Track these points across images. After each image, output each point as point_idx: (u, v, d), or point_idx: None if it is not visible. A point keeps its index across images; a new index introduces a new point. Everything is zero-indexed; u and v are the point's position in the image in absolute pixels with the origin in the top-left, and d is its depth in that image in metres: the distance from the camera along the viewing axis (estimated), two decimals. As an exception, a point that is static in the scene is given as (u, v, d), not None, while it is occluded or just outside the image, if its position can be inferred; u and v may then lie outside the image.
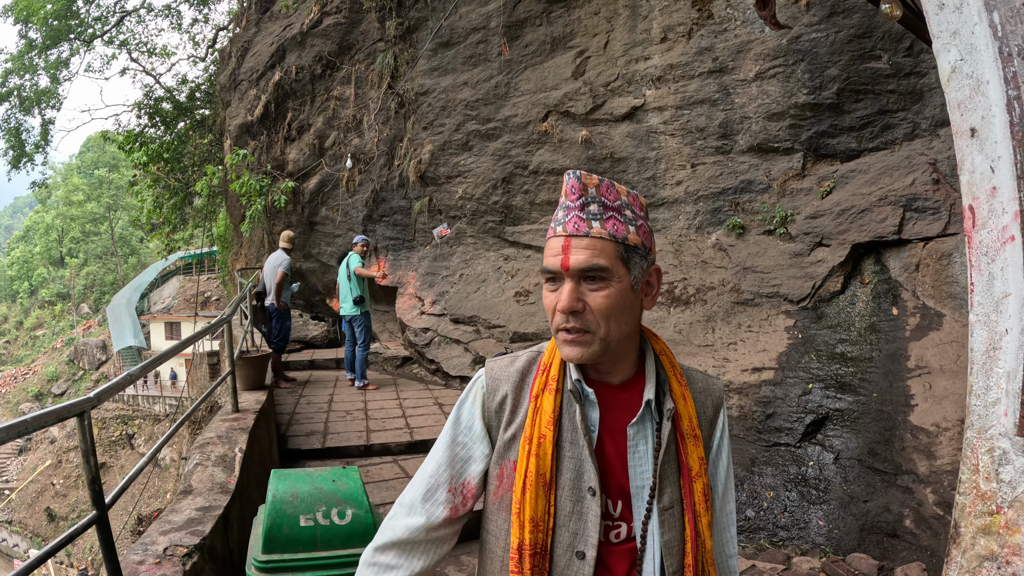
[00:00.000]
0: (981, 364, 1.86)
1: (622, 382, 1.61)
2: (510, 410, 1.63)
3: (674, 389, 1.61)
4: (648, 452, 1.56)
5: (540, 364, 1.65)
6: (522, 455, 1.54)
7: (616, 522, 1.55)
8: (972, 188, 1.91)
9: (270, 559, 3.31)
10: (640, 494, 1.55)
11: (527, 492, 1.51)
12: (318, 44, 14.01)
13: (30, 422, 2.60)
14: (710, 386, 1.72)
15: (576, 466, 1.54)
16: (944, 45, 2.04)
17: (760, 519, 6.30)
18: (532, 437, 1.54)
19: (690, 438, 1.58)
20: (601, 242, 1.48)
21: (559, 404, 1.57)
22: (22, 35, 23.85)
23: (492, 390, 1.66)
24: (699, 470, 1.58)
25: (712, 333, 7.83)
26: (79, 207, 63.70)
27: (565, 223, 1.51)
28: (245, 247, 18.62)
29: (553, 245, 1.53)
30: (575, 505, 1.53)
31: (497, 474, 1.62)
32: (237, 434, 5.87)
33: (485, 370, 1.71)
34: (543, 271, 1.55)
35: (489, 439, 1.65)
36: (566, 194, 1.54)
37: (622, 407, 1.59)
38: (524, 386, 1.65)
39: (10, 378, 56.64)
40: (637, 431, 1.56)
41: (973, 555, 1.83)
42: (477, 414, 1.66)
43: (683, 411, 1.59)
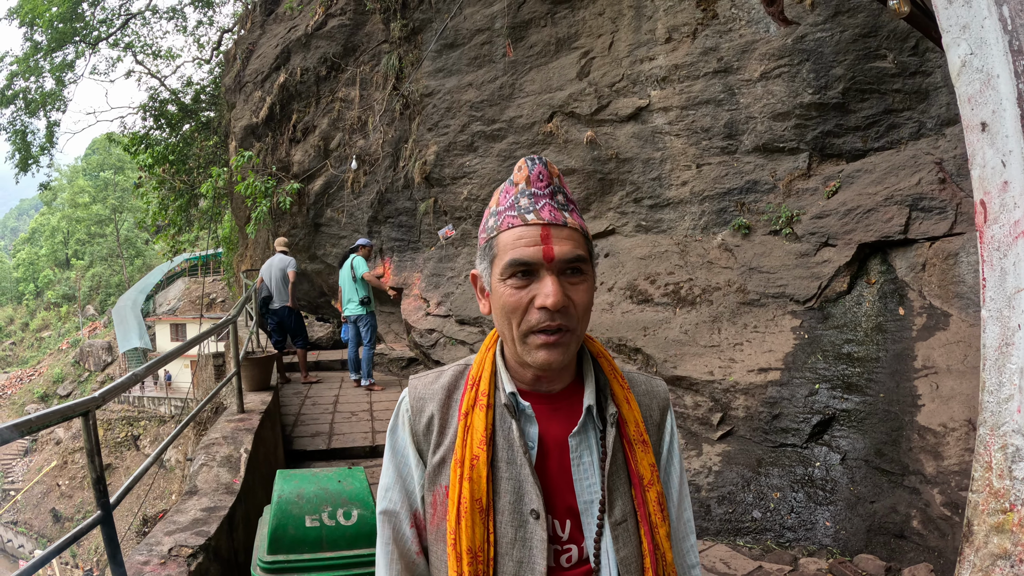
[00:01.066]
0: (994, 360, 1.85)
1: (561, 390, 1.49)
2: (438, 431, 1.51)
3: (616, 393, 1.50)
4: (594, 463, 1.44)
5: (468, 378, 1.53)
6: (454, 479, 1.42)
7: (566, 545, 1.43)
8: (983, 183, 1.90)
9: (276, 559, 3.30)
10: (589, 510, 1.43)
11: (462, 520, 1.38)
12: (323, 46, 14.03)
13: (35, 421, 2.60)
14: (654, 388, 1.62)
15: (515, 488, 1.41)
16: (954, 39, 2.02)
17: (767, 520, 6.28)
18: (464, 459, 1.42)
19: (638, 444, 1.47)
20: (576, 234, 1.40)
21: (491, 421, 1.45)
22: (27, 38, 23.91)
23: (417, 411, 1.54)
24: (651, 478, 1.47)
25: (718, 334, 7.81)
26: (85, 209, 63.88)
27: (537, 211, 1.39)
28: (250, 249, 18.64)
29: (524, 234, 1.38)
30: (517, 531, 1.40)
31: (431, 501, 1.49)
32: (242, 435, 5.87)
33: (408, 390, 1.58)
34: (511, 264, 1.37)
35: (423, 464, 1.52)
36: (529, 181, 1.42)
37: (562, 418, 1.47)
38: (451, 403, 1.53)
39: (16, 379, 56.79)
40: (579, 441, 1.45)
41: (986, 553, 1.81)
42: (408, 440, 1.54)
43: (628, 416, 1.48)
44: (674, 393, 7.59)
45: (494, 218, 1.45)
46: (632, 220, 9.70)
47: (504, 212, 1.43)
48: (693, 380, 7.42)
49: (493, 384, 1.49)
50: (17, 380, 56.60)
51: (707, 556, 5.86)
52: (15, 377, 57.39)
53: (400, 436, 1.55)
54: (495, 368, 1.52)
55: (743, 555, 5.87)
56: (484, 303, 1.50)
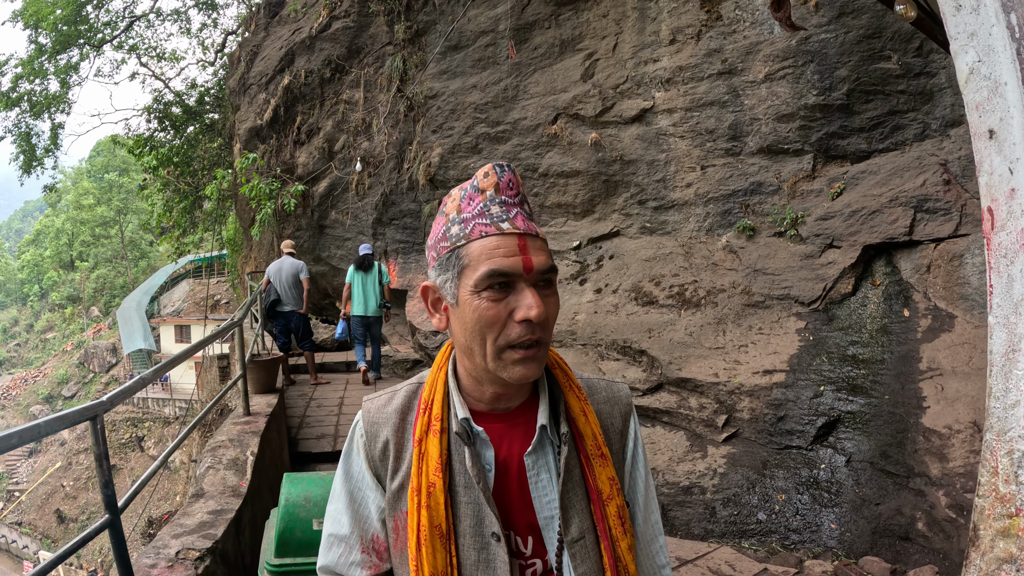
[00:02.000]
0: (1000, 366, 1.85)
1: (518, 407, 1.47)
2: (394, 456, 1.47)
3: (572, 407, 1.46)
4: (552, 480, 1.42)
5: (420, 401, 1.49)
6: (412, 507, 1.40)
7: (530, 559, 1.43)
8: (991, 190, 1.90)
9: (283, 563, 3.31)
10: (550, 525, 1.42)
11: (423, 547, 1.37)
12: (327, 48, 14.05)
13: (43, 426, 2.60)
14: (615, 394, 1.58)
15: (475, 512, 1.40)
16: (962, 47, 2.02)
17: (772, 522, 6.28)
18: (420, 487, 1.39)
19: (596, 459, 1.44)
20: (545, 244, 1.36)
21: (446, 447, 1.42)
22: (32, 40, 23.97)
23: (372, 436, 1.50)
24: (611, 492, 1.44)
25: (723, 335, 7.81)
26: (89, 211, 63.97)
27: (511, 220, 1.33)
28: (255, 250, 18.67)
29: (500, 244, 1.31)
30: (480, 553, 1.39)
31: (393, 527, 1.46)
32: (249, 437, 5.88)
33: (361, 414, 1.54)
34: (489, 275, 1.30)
35: (382, 488, 1.50)
36: (499, 188, 1.35)
37: (518, 435, 1.44)
38: (406, 427, 1.49)
39: (20, 381, 56.92)
40: (536, 459, 1.43)
41: (992, 558, 1.82)
42: (364, 465, 1.50)
43: (585, 430, 1.45)
44: (679, 395, 7.59)
45: (458, 226, 1.36)
46: (637, 222, 9.71)
47: (473, 220, 1.35)
48: (698, 382, 7.42)
49: (446, 407, 1.46)
50: (22, 381, 56.73)
51: (712, 558, 5.87)
52: (20, 378, 57.53)
53: (355, 462, 1.53)
54: (447, 390, 1.48)
55: (748, 557, 5.88)
56: (439, 318, 1.44)
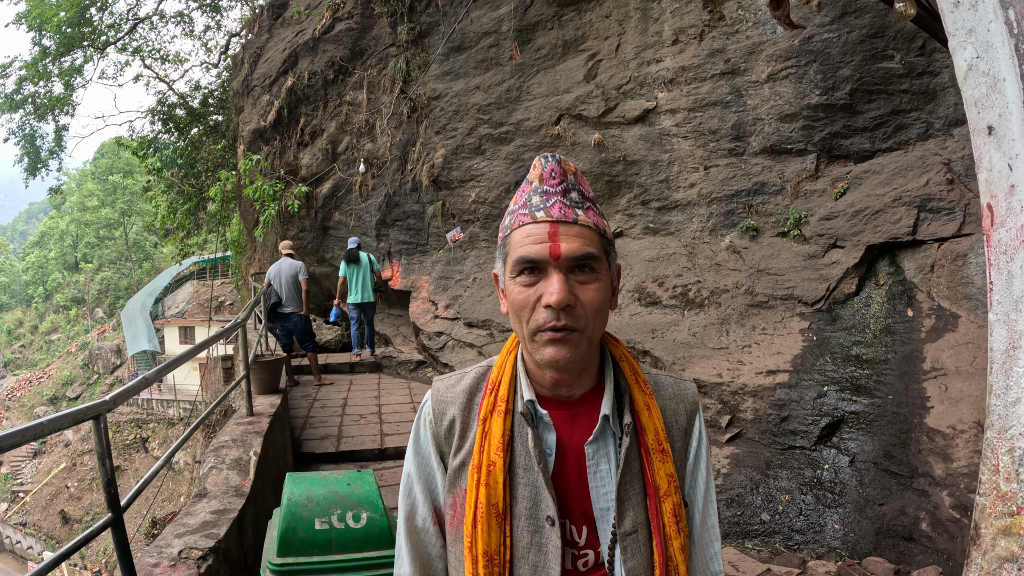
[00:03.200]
0: (1001, 364, 1.84)
1: (581, 396, 1.48)
2: (459, 435, 1.51)
3: (636, 400, 1.47)
4: (611, 471, 1.43)
5: (488, 382, 1.52)
6: (471, 484, 1.43)
7: (583, 549, 1.43)
8: (990, 186, 1.90)
9: (285, 562, 3.31)
10: (605, 517, 1.42)
11: (479, 524, 1.39)
12: (330, 49, 14.07)
13: (46, 425, 2.61)
14: (682, 391, 1.57)
15: (532, 494, 1.42)
16: (960, 43, 2.02)
17: (775, 523, 6.27)
18: (481, 465, 1.42)
19: (656, 454, 1.44)
20: (588, 231, 1.37)
21: (509, 427, 1.44)
22: (36, 42, 24.03)
23: (439, 415, 1.54)
24: (668, 488, 1.44)
25: (726, 336, 7.81)
26: (93, 213, 64.09)
27: (547, 208, 1.37)
28: (259, 252, 18.69)
29: (532, 232, 1.36)
30: (533, 536, 1.41)
31: (450, 503, 1.50)
32: (252, 437, 5.88)
33: (430, 393, 1.59)
34: (519, 261, 1.37)
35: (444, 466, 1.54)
36: (542, 179, 1.41)
37: (581, 424, 1.45)
38: (472, 407, 1.53)
39: (25, 382, 57.00)
40: (596, 449, 1.43)
41: (993, 556, 1.81)
42: (430, 443, 1.54)
43: (647, 424, 1.46)
44: (682, 395, 7.58)
45: (510, 217, 1.44)
46: (640, 222, 9.70)
47: (517, 211, 1.42)
48: (701, 382, 7.41)
49: (512, 389, 1.48)
50: (26, 383, 56.80)
51: (715, 558, 5.85)
52: (24, 380, 57.60)
53: (422, 438, 1.56)
54: (515, 372, 1.51)
55: (752, 558, 5.87)
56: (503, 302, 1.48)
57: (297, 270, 10.42)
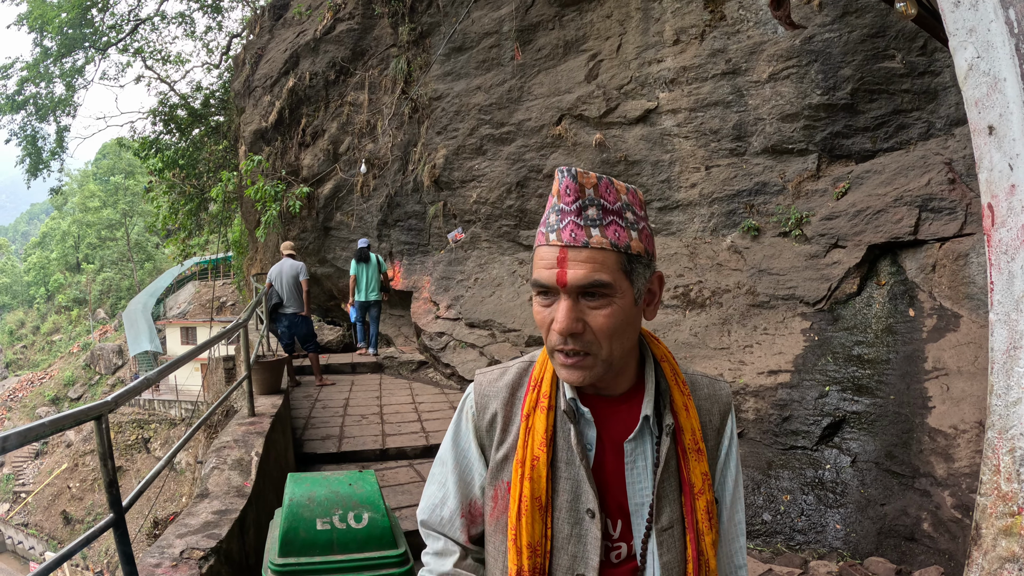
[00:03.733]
0: (1002, 364, 1.85)
1: (621, 394, 1.51)
2: (501, 428, 1.55)
3: (676, 400, 1.50)
4: (647, 468, 1.47)
5: (531, 378, 1.55)
6: (515, 479, 1.47)
7: (616, 542, 1.47)
8: (991, 186, 1.90)
9: (287, 562, 3.31)
10: (639, 512, 1.47)
11: (523, 517, 1.44)
12: (331, 50, 14.08)
13: (48, 425, 2.62)
14: (717, 392, 1.61)
15: (573, 487, 1.46)
16: (960, 43, 2.02)
17: (777, 523, 6.27)
18: (525, 460, 1.46)
19: (692, 453, 1.49)
20: (602, 253, 1.34)
21: (552, 423, 1.48)
22: (37, 43, 24.07)
23: (481, 408, 1.58)
24: (702, 486, 1.48)
25: (728, 336, 7.80)
26: (95, 213, 64.13)
27: (560, 230, 1.36)
28: (260, 252, 18.69)
29: (546, 255, 1.37)
30: (573, 528, 1.45)
31: (492, 495, 1.55)
32: (253, 438, 5.89)
33: (473, 386, 1.62)
34: (534, 284, 1.40)
35: (484, 459, 1.59)
36: (559, 195, 1.38)
37: (620, 421, 1.49)
38: (515, 402, 1.56)
39: (27, 382, 57.02)
40: (635, 447, 1.47)
41: (994, 557, 1.81)
42: (471, 434, 1.59)
43: (685, 424, 1.49)
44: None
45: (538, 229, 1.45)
46: (641, 222, 9.69)
47: (540, 227, 1.44)
48: (702, 382, 7.40)
49: (555, 386, 1.52)
50: (28, 383, 56.83)
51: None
52: (26, 380, 57.63)
53: (463, 430, 1.62)
54: None
55: (753, 558, 5.87)
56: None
57: (298, 271, 10.44)
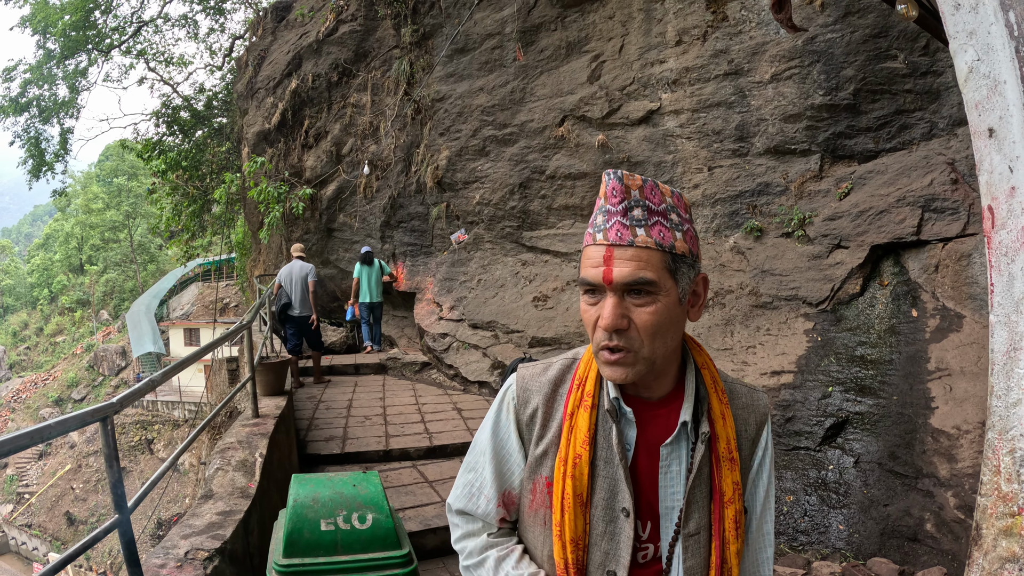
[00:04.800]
0: (1002, 365, 1.85)
1: (661, 398, 1.53)
2: (541, 424, 1.56)
3: (713, 408, 1.52)
4: (681, 473, 1.49)
5: (575, 377, 1.56)
6: (558, 475, 1.49)
7: (644, 543, 1.50)
8: (991, 188, 1.90)
9: (291, 563, 3.33)
10: (669, 515, 1.49)
11: (566, 513, 1.47)
12: (334, 52, 14.10)
13: (55, 427, 2.62)
14: (754, 401, 1.62)
15: (610, 486, 1.48)
16: (961, 46, 2.03)
17: (780, 524, 6.27)
18: (568, 457, 1.48)
19: (726, 462, 1.50)
20: (647, 252, 1.37)
21: (594, 421, 1.50)
22: (40, 46, 24.13)
23: (523, 401, 1.59)
24: (732, 496, 1.50)
25: (731, 336, 7.81)
26: (98, 215, 64.19)
27: (606, 230, 1.40)
28: (263, 254, 18.72)
29: (593, 255, 1.41)
30: (608, 525, 1.48)
31: (530, 488, 1.57)
32: (257, 439, 5.90)
33: (516, 378, 1.63)
34: (582, 283, 1.44)
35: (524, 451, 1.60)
36: (606, 197, 1.42)
37: (659, 424, 1.51)
38: (556, 399, 1.57)
39: (30, 384, 57.11)
40: (671, 451, 1.49)
41: (995, 557, 1.82)
42: (512, 426, 1.60)
43: (721, 432, 1.51)
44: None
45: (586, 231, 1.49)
46: (643, 223, 9.69)
47: (588, 228, 1.47)
48: (705, 383, 7.40)
49: (598, 385, 1.53)
50: (32, 384, 56.93)
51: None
52: (30, 381, 57.72)
53: (504, 421, 1.63)
54: None
55: (756, 558, 5.86)
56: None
57: (307, 273, 10.55)
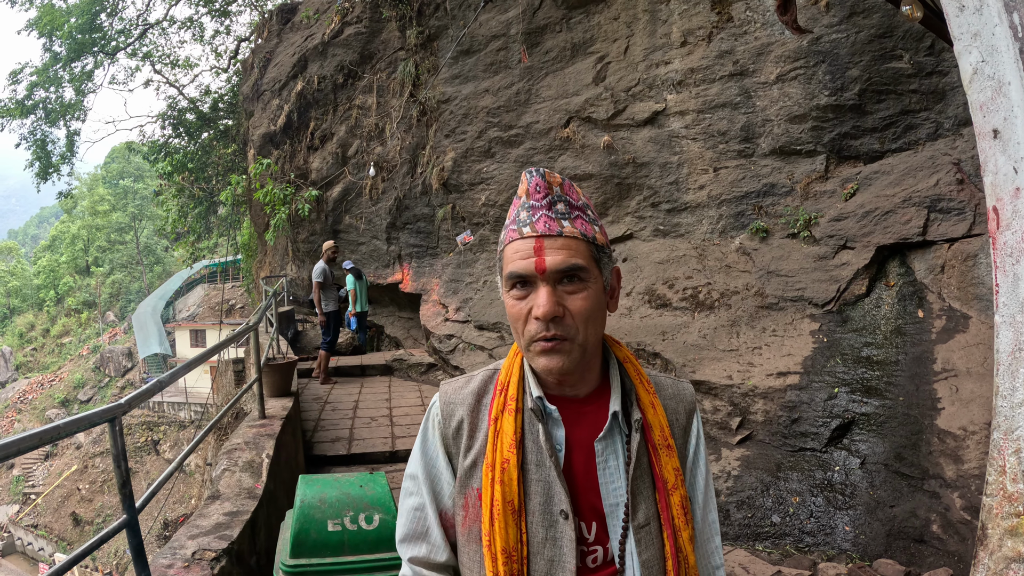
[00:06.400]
0: (1007, 365, 1.85)
1: (587, 395, 1.52)
2: (467, 435, 1.54)
3: (642, 398, 1.52)
4: (619, 467, 1.47)
5: (497, 383, 1.56)
6: (486, 483, 1.46)
7: (592, 546, 1.46)
8: (995, 189, 1.91)
9: (298, 563, 3.34)
10: (614, 512, 1.46)
11: (495, 522, 1.42)
12: (339, 54, 14.13)
13: (64, 427, 2.64)
14: (681, 391, 1.63)
15: (545, 489, 1.45)
16: (965, 47, 2.03)
17: (786, 525, 6.27)
18: (495, 463, 1.45)
19: (663, 449, 1.49)
20: (575, 242, 1.41)
21: (520, 425, 1.48)
22: (47, 48, 24.20)
23: (447, 416, 1.57)
24: (675, 482, 1.49)
25: (737, 338, 7.80)
26: (104, 217, 64.36)
27: (533, 223, 1.42)
28: (269, 255, 18.75)
29: (520, 247, 1.42)
30: (548, 531, 1.44)
31: (462, 504, 1.53)
32: (264, 440, 5.92)
33: (439, 394, 1.62)
34: (509, 277, 1.44)
35: (452, 468, 1.56)
36: (528, 193, 1.45)
37: (588, 422, 1.50)
38: (481, 408, 1.56)
39: (37, 385, 57.25)
40: (605, 446, 1.48)
41: (1000, 557, 1.82)
42: (438, 442, 1.57)
43: (653, 420, 1.51)
44: (692, 397, 7.57)
45: (504, 232, 1.50)
46: (650, 224, 9.71)
47: (509, 226, 1.48)
48: (712, 384, 7.41)
49: (521, 389, 1.52)
50: (38, 385, 57.06)
51: (726, 561, 5.86)
52: (36, 383, 57.86)
53: (430, 440, 1.59)
54: (523, 373, 1.55)
55: (762, 560, 5.87)
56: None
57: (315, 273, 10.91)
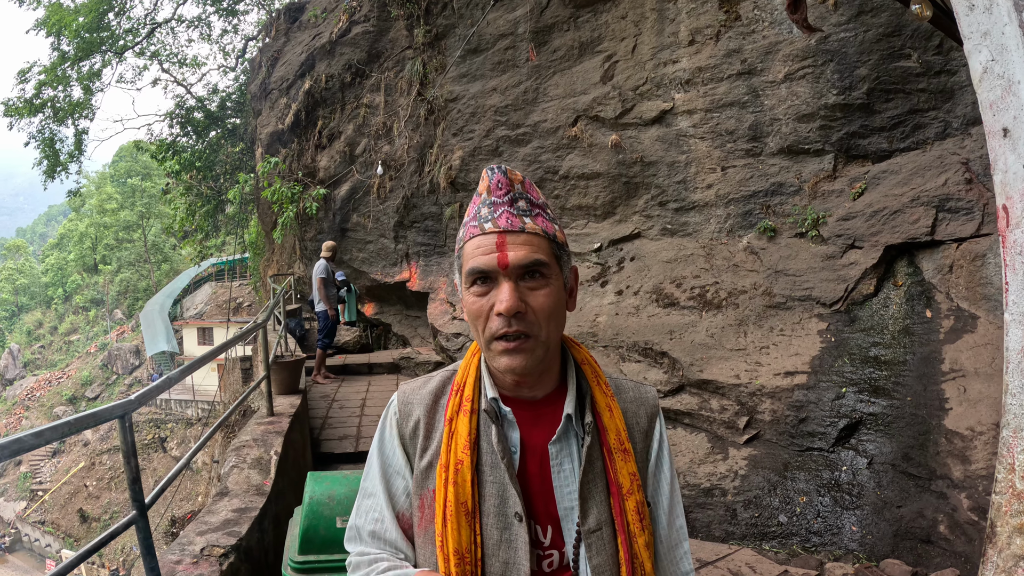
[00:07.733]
0: (1017, 363, 1.85)
1: (543, 397, 1.52)
2: (424, 436, 1.53)
3: (598, 401, 1.51)
4: (574, 471, 1.46)
5: (453, 384, 1.55)
6: (440, 483, 1.45)
7: (548, 550, 1.45)
8: (1005, 188, 1.91)
9: (306, 560, 3.35)
10: (569, 516, 1.45)
11: (448, 523, 1.41)
12: (347, 53, 14.14)
13: (73, 423, 2.65)
14: (643, 395, 1.61)
15: (499, 491, 1.44)
16: (975, 46, 2.03)
17: (793, 524, 6.26)
18: (449, 464, 1.44)
19: (618, 453, 1.48)
20: (537, 238, 1.42)
21: (475, 426, 1.47)
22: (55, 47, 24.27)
23: (405, 415, 1.56)
24: (631, 487, 1.47)
25: (744, 337, 7.80)
26: (112, 215, 64.49)
27: (495, 219, 1.42)
28: (277, 254, 18.79)
29: (482, 243, 1.42)
30: (502, 533, 1.43)
31: (418, 505, 1.51)
32: (272, 437, 5.94)
33: (397, 394, 1.62)
34: (470, 273, 1.43)
35: (409, 467, 1.55)
36: (490, 191, 1.46)
37: (544, 424, 1.49)
38: (437, 409, 1.55)
39: (45, 382, 57.49)
40: (560, 449, 1.47)
41: (1009, 555, 1.82)
42: (395, 442, 1.56)
43: (609, 424, 1.49)
44: (700, 397, 7.58)
45: (463, 229, 1.50)
46: (657, 223, 9.70)
47: (468, 223, 1.48)
48: (719, 384, 7.41)
49: (477, 390, 1.52)
50: (46, 383, 57.29)
51: (732, 560, 5.86)
52: (44, 380, 58.09)
53: (387, 438, 1.58)
54: (479, 374, 1.54)
55: (769, 559, 5.87)
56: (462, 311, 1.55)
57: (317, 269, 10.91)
